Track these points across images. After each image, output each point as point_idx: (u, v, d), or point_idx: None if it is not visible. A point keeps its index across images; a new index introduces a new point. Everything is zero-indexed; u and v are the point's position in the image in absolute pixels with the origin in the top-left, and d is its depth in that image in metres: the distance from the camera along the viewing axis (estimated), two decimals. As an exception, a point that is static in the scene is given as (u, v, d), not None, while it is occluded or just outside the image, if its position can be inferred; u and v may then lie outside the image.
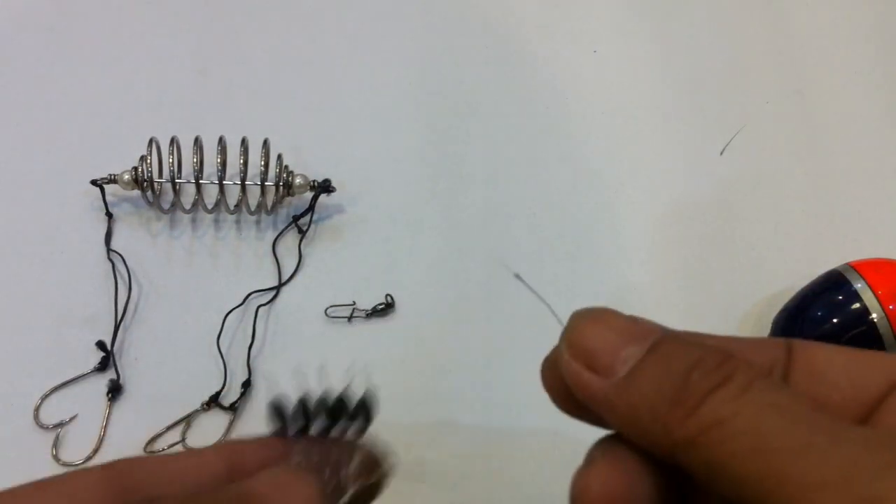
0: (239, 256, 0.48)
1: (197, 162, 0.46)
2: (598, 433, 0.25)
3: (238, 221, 0.49)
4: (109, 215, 0.48)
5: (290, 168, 0.47)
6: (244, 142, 0.47)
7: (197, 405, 0.43)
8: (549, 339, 0.25)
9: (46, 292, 0.46)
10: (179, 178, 0.47)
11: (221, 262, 0.48)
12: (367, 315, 0.46)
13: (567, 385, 0.24)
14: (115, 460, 0.24)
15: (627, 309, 0.24)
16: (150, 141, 0.47)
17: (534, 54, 0.56)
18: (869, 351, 0.24)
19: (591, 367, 0.23)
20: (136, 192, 0.48)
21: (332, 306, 0.46)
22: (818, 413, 0.20)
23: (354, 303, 0.46)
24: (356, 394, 0.26)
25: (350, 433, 0.26)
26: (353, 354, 0.45)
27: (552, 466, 0.41)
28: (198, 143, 0.47)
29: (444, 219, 0.50)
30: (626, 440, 0.23)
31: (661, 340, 0.23)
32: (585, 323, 0.24)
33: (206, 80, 0.54)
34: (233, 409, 0.43)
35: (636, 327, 0.23)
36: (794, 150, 0.53)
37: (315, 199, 0.48)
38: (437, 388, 0.44)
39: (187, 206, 0.48)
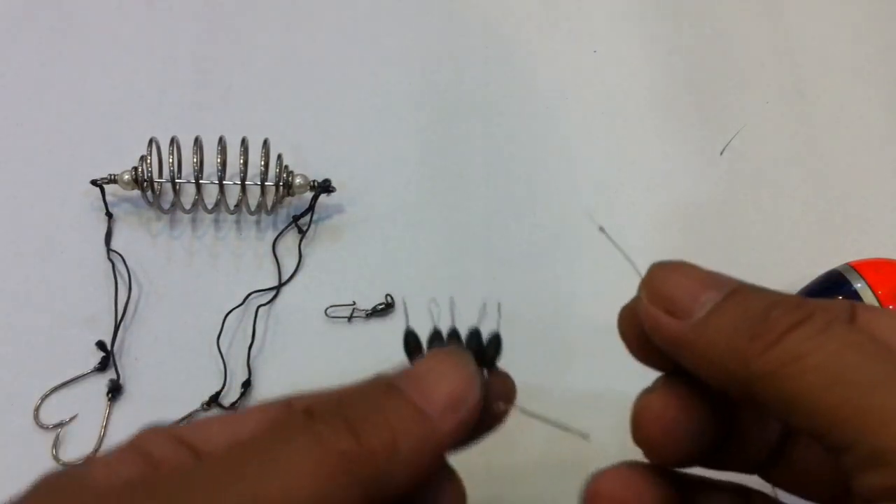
0: (239, 256, 0.48)
1: (197, 162, 0.46)
2: (602, 433, 0.25)
3: (238, 221, 0.49)
4: (109, 215, 0.48)
5: (290, 168, 0.47)
6: (244, 142, 0.47)
7: (197, 405, 0.43)
8: (550, 338, 0.25)
9: (46, 292, 0.46)
10: (179, 178, 0.47)
11: (221, 262, 0.48)
12: (367, 315, 0.46)
13: (643, 332, 0.25)
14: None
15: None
16: (150, 141, 0.47)
17: (534, 54, 0.56)
18: None
19: (670, 311, 0.24)
20: (136, 192, 0.48)
21: (332, 306, 0.46)
22: (894, 352, 0.21)
23: (354, 303, 0.46)
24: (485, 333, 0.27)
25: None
26: (353, 354, 0.45)
27: (553, 464, 0.41)
28: (198, 143, 0.47)
29: (444, 219, 0.50)
30: (686, 378, 0.25)
31: (739, 288, 0.24)
32: (664, 272, 0.25)
33: (206, 80, 0.54)
34: (233, 408, 0.43)
35: (714, 277, 0.24)
36: (794, 150, 0.53)
37: (315, 199, 0.48)
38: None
39: (187, 206, 0.48)
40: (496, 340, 0.27)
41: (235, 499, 0.20)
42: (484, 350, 0.26)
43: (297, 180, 0.47)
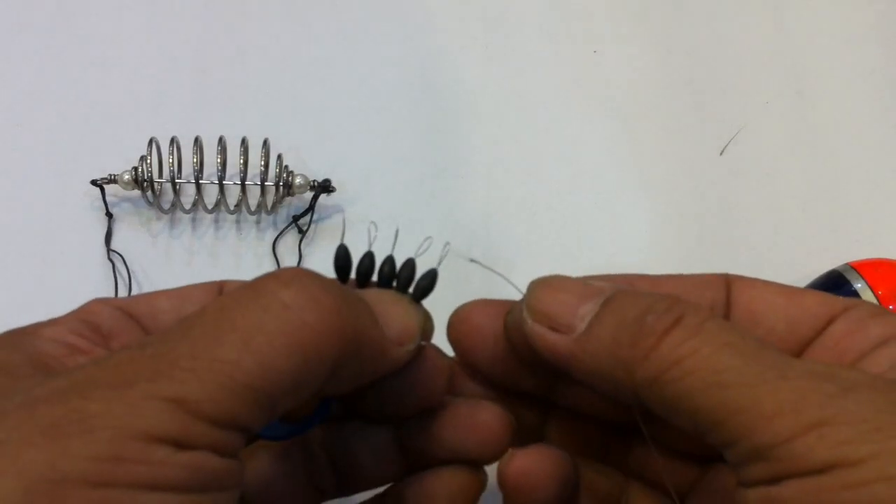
0: (239, 256, 0.48)
1: (197, 162, 0.46)
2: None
3: (238, 221, 0.49)
4: (109, 215, 0.48)
5: (290, 168, 0.47)
6: (244, 142, 0.47)
7: (197, 405, 0.43)
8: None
9: (46, 292, 0.46)
10: (179, 178, 0.47)
11: (221, 262, 0.48)
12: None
13: (529, 346, 0.26)
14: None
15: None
16: (150, 141, 0.47)
17: (534, 54, 0.56)
18: (804, 290, 0.26)
19: (553, 328, 0.25)
20: (136, 192, 0.48)
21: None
22: (767, 350, 0.22)
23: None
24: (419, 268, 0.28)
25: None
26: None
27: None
28: (198, 143, 0.47)
29: (444, 219, 0.50)
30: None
31: (613, 296, 0.25)
32: (543, 289, 0.26)
33: (206, 80, 0.54)
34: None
35: (589, 287, 0.26)
36: (794, 150, 0.53)
37: (315, 199, 0.48)
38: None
39: (187, 206, 0.48)
40: (431, 275, 0.28)
41: (203, 382, 0.19)
42: (415, 281, 0.28)
43: (297, 180, 0.47)
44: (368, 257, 0.28)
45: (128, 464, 0.18)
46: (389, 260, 0.28)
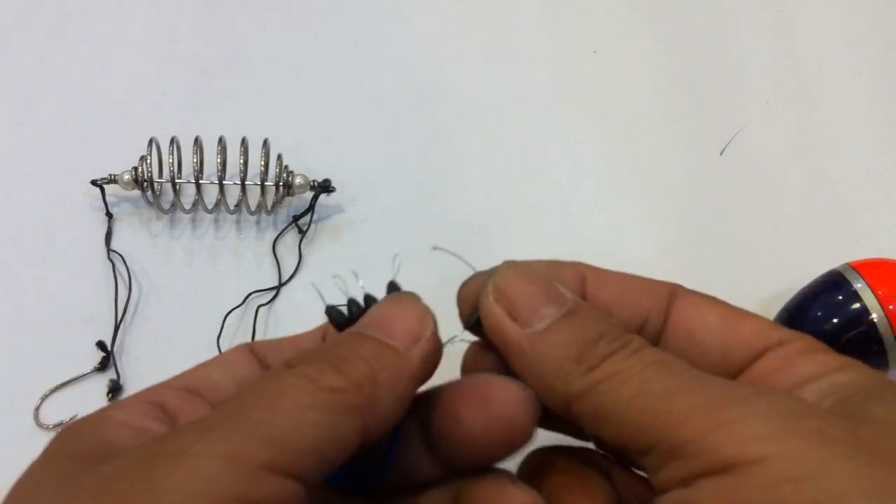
0: (239, 256, 0.48)
1: (197, 162, 0.46)
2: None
3: (238, 221, 0.49)
4: (109, 215, 0.48)
5: (290, 168, 0.47)
6: (244, 142, 0.47)
7: (197, 405, 0.43)
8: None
9: (46, 292, 0.46)
10: (179, 178, 0.47)
11: (221, 262, 0.48)
12: (367, 315, 0.46)
13: (479, 320, 0.27)
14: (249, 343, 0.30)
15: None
16: (150, 141, 0.47)
17: (534, 54, 0.56)
18: (745, 316, 0.27)
19: (512, 315, 0.26)
20: (136, 192, 0.48)
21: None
22: (692, 367, 0.23)
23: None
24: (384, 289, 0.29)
25: None
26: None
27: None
28: (198, 143, 0.47)
29: (444, 219, 0.50)
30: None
31: (577, 308, 0.26)
32: (513, 275, 0.27)
33: (206, 80, 0.54)
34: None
35: (557, 291, 0.26)
36: (794, 150, 0.53)
37: (315, 199, 0.48)
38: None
39: (187, 206, 0.48)
40: (391, 287, 0.29)
41: (248, 437, 0.21)
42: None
43: (297, 180, 0.47)
44: (336, 311, 0.29)
45: None
46: (353, 303, 0.29)
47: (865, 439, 0.20)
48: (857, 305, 0.41)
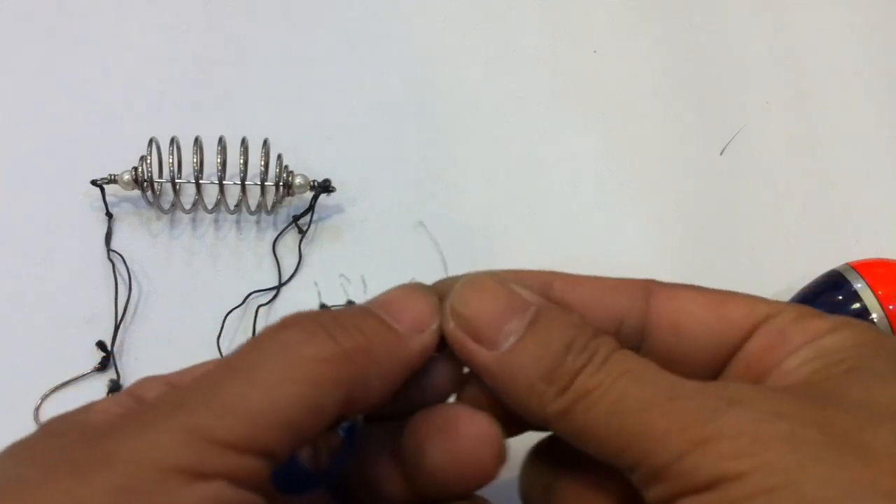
0: (239, 256, 0.48)
1: (197, 162, 0.46)
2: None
3: (238, 221, 0.49)
4: (109, 215, 0.48)
5: (290, 168, 0.47)
6: (244, 142, 0.47)
7: (197, 405, 0.43)
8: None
9: (46, 292, 0.46)
10: (179, 178, 0.47)
11: (221, 262, 0.48)
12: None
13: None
14: None
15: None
16: (150, 141, 0.47)
17: (534, 54, 0.56)
18: (729, 297, 0.26)
19: (476, 339, 0.25)
20: (136, 192, 0.48)
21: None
22: (661, 374, 0.23)
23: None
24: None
25: None
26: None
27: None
28: (198, 143, 0.47)
29: (444, 219, 0.50)
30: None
31: (540, 314, 0.25)
32: (470, 293, 0.26)
33: (206, 80, 0.54)
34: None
35: (516, 298, 0.25)
36: (794, 150, 0.53)
37: (315, 199, 0.48)
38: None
39: (187, 206, 0.48)
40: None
41: (215, 412, 0.21)
42: None
43: (297, 180, 0.47)
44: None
45: (142, 495, 0.19)
46: (352, 305, 0.29)
47: (838, 433, 0.20)
48: (857, 305, 0.41)
